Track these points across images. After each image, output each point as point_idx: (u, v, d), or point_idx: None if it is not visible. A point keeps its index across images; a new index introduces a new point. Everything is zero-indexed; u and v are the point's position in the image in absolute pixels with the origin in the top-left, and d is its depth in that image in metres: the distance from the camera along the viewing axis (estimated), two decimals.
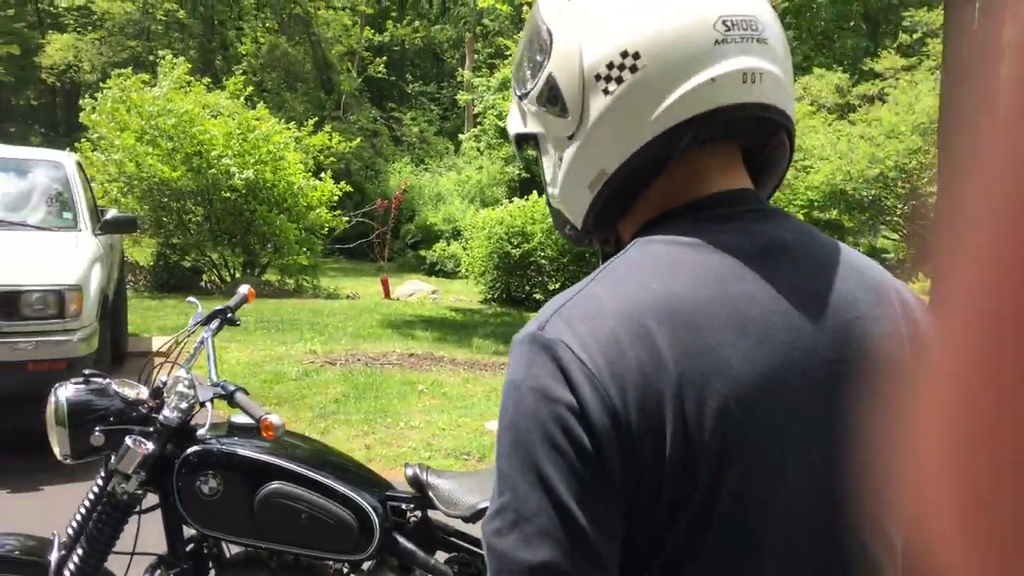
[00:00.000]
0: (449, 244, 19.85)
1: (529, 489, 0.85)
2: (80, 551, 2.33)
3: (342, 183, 15.45)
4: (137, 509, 2.39)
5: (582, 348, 0.87)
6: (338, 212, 15.49)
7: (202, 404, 2.31)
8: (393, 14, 30.93)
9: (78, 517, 2.38)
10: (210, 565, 2.44)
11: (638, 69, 0.95)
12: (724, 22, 0.95)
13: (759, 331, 0.91)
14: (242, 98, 15.81)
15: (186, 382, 2.33)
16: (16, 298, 5.21)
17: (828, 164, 23.81)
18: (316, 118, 18.20)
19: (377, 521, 2.23)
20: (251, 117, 14.35)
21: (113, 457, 2.30)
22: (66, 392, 2.34)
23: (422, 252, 20.78)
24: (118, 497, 2.31)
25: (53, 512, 2.41)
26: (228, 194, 13.67)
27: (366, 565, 2.29)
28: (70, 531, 2.38)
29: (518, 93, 1.09)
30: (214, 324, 2.55)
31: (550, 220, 6.65)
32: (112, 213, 6.94)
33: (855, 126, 25.59)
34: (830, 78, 27.17)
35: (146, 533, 2.42)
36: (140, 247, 15.81)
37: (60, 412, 2.30)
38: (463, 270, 15.85)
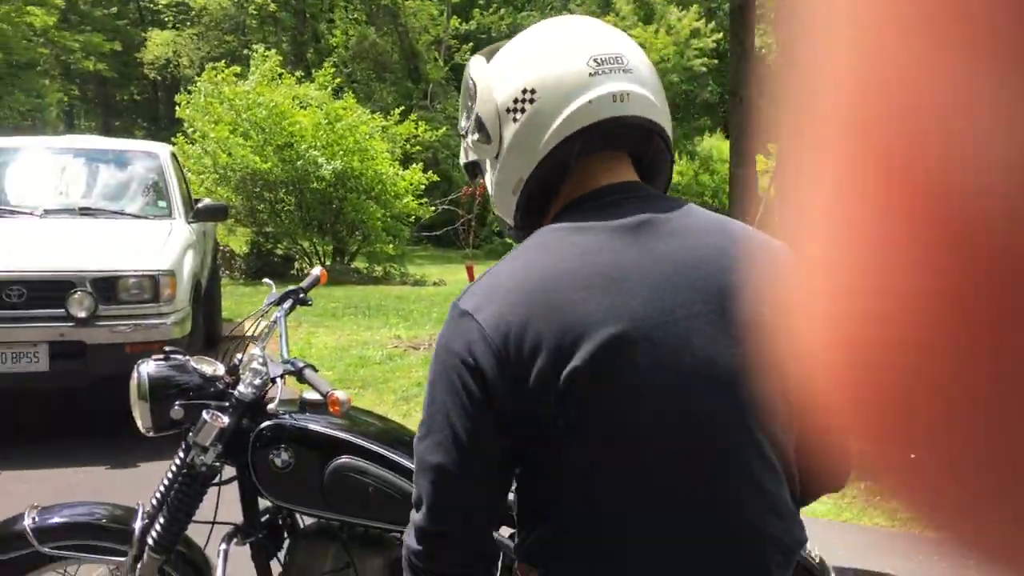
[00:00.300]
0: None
1: (436, 413, 1.23)
2: (162, 520, 2.45)
3: (429, 172, 15.63)
4: (216, 480, 2.50)
5: (481, 316, 1.21)
6: (425, 200, 15.68)
7: (274, 380, 2.40)
8: (480, 2, 31.04)
9: (161, 488, 2.50)
10: (284, 535, 2.54)
11: (535, 100, 1.30)
12: (595, 59, 1.29)
13: (619, 286, 1.20)
14: (330, 89, 16.12)
15: (259, 359, 2.42)
16: (114, 283, 5.46)
17: None
18: (402, 107, 18.43)
19: None
20: (338, 107, 14.62)
21: (192, 431, 2.40)
22: (148, 368, 2.45)
23: (508, 239, 20.86)
24: (197, 469, 2.41)
25: (148, 486, 2.54)
26: (317, 184, 13.96)
27: None
28: (154, 501, 2.50)
29: (460, 133, 1.47)
30: (287, 304, 2.64)
31: None
32: (205, 202, 7.19)
33: None
34: None
35: (225, 504, 2.53)
36: (235, 236, 16.30)
37: (142, 387, 2.42)
38: None
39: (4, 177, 6.80)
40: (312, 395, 2.42)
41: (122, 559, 2.47)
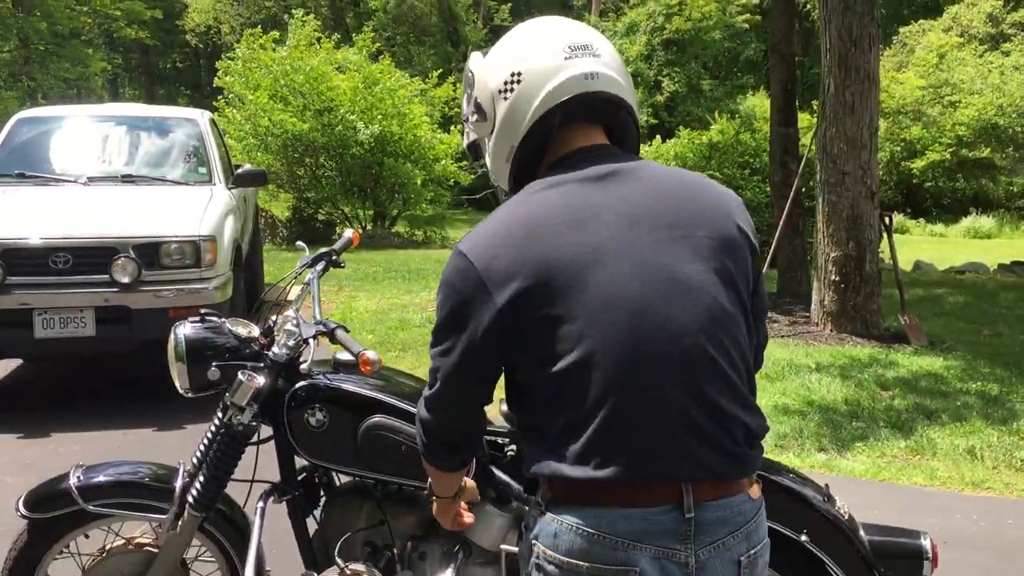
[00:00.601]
0: None
1: (441, 330, 1.61)
2: (202, 478, 2.50)
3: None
4: (254, 440, 2.55)
5: (472, 254, 1.55)
6: (464, 163, 15.67)
7: (307, 341, 2.43)
8: None
9: (200, 448, 2.55)
10: (320, 493, 2.59)
11: (521, 82, 1.64)
12: (569, 47, 1.64)
13: (588, 223, 1.53)
14: (366, 53, 16.09)
15: (293, 321, 2.45)
16: (156, 248, 5.55)
17: (979, 98, 22.47)
18: (440, 70, 18.36)
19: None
20: (375, 70, 14.60)
21: (228, 391, 2.45)
22: (184, 330, 2.50)
23: None
24: (234, 428, 2.46)
25: (194, 447, 2.59)
26: (356, 149, 14.00)
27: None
28: (194, 460, 2.56)
29: (463, 118, 1.80)
30: (320, 266, 2.67)
31: (673, 166, 6.72)
32: (245, 167, 7.25)
33: (1009, 56, 24.00)
34: (982, 6, 25.47)
35: (262, 463, 2.58)
36: (277, 201, 16.43)
37: (179, 348, 2.47)
38: None
39: (49, 146, 6.92)
40: (345, 355, 2.45)
41: (163, 516, 2.53)
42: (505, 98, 1.65)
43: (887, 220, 8.22)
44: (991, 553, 3.85)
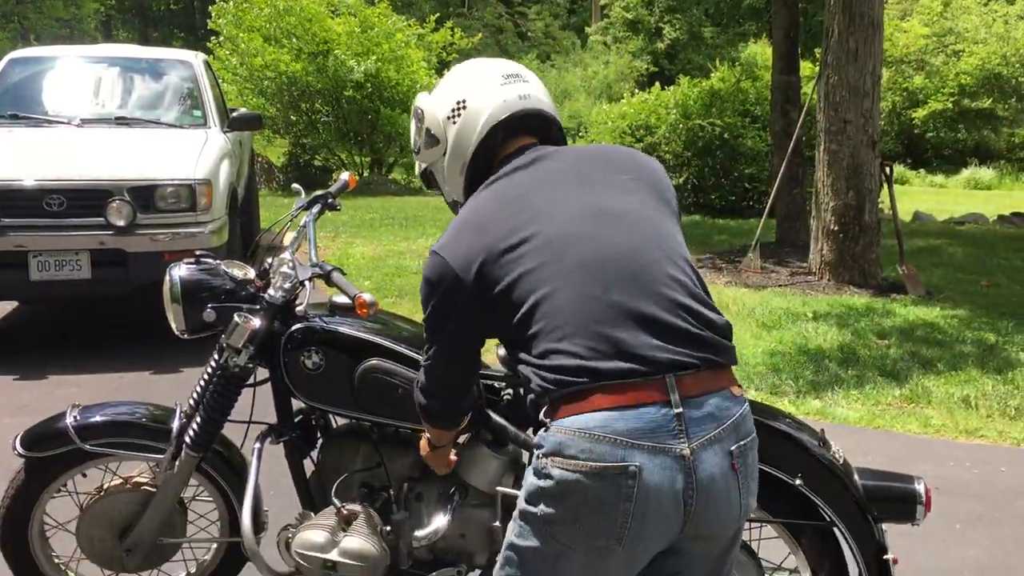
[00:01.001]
0: (574, 141, 19.69)
1: (429, 319, 1.85)
2: (199, 419, 2.51)
3: None
4: (250, 382, 2.55)
5: (444, 252, 1.79)
6: None
7: (302, 283, 2.42)
8: None
9: (197, 389, 2.55)
10: (317, 435, 2.59)
11: (466, 107, 1.95)
12: (504, 75, 1.97)
13: (521, 200, 1.79)
14: None
15: (289, 263, 2.44)
16: (151, 191, 5.51)
17: (983, 48, 22.24)
18: (438, 14, 18.11)
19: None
20: (372, 14, 14.40)
21: (224, 333, 2.44)
22: (179, 271, 2.49)
23: None
24: (230, 370, 2.46)
25: (190, 390, 2.59)
26: (352, 92, 13.85)
27: (461, 439, 2.38)
28: (191, 401, 2.56)
29: (415, 151, 2.09)
30: (315, 209, 2.64)
31: (673, 114, 6.82)
32: (240, 111, 7.17)
33: (1014, 5, 23.71)
34: None
35: (259, 405, 2.58)
36: (273, 147, 16.31)
37: (174, 289, 2.46)
38: None
39: (41, 87, 6.83)
40: (341, 298, 2.44)
41: (160, 456, 2.54)
42: (454, 122, 1.95)
43: (887, 170, 8.17)
44: (983, 500, 3.88)
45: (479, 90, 1.94)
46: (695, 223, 11.76)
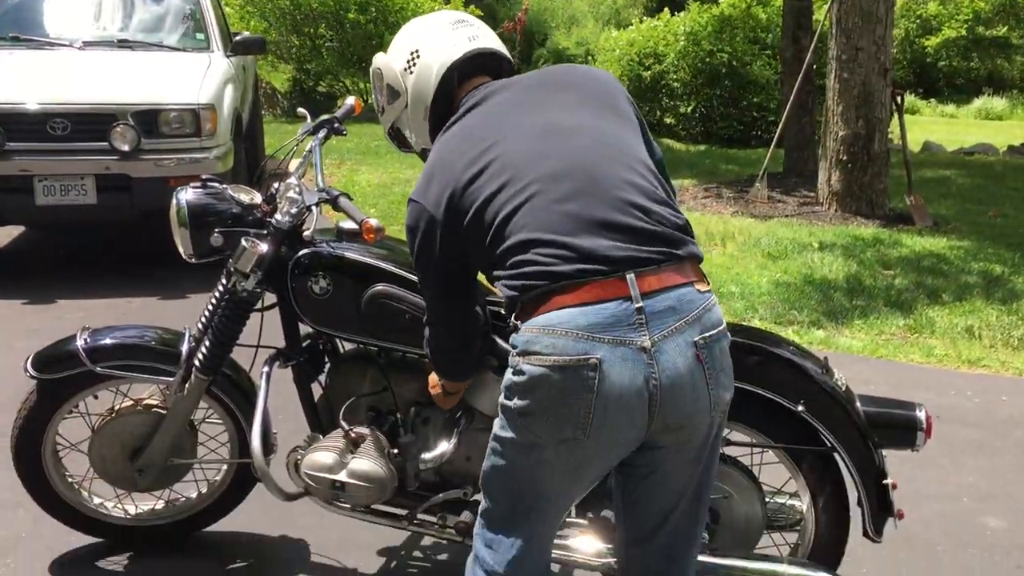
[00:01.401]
0: None
1: (417, 262, 1.94)
2: (208, 343, 2.53)
3: (471, 7, 15.16)
4: (258, 306, 2.57)
5: (418, 196, 1.89)
6: None
7: (309, 208, 2.42)
8: None
9: (205, 313, 2.57)
10: (324, 359, 2.62)
11: (421, 55, 2.05)
12: (451, 22, 2.08)
13: (478, 134, 1.87)
14: None
15: (295, 188, 2.43)
16: (155, 116, 5.47)
17: None
18: None
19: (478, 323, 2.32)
20: None
21: (232, 258, 2.45)
22: (186, 195, 2.48)
23: None
24: (238, 295, 2.48)
25: (196, 316, 2.62)
26: (355, 16, 13.63)
27: None
28: (199, 325, 2.58)
29: (379, 111, 2.19)
30: (321, 134, 2.62)
31: (681, 41, 6.79)
32: (243, 35, 7.07)
33: None
34: None
35: (267, 330, 2.60)
36: (277, 72, 16.11)
37: (181, 214, 2.46)
38: None
39: (42, 9, 6.71)
40: (348, 224, 2.44)
41: (170, 379, 2.57)
42: (410, 72, 2.05)
43: (898, 99, 8.07)
44: (984, 428, 3.93)
45: (430, 39, 2.06)
46: (702, 153, 11.67)
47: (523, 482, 1.79)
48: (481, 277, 1.97)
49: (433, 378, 2.29)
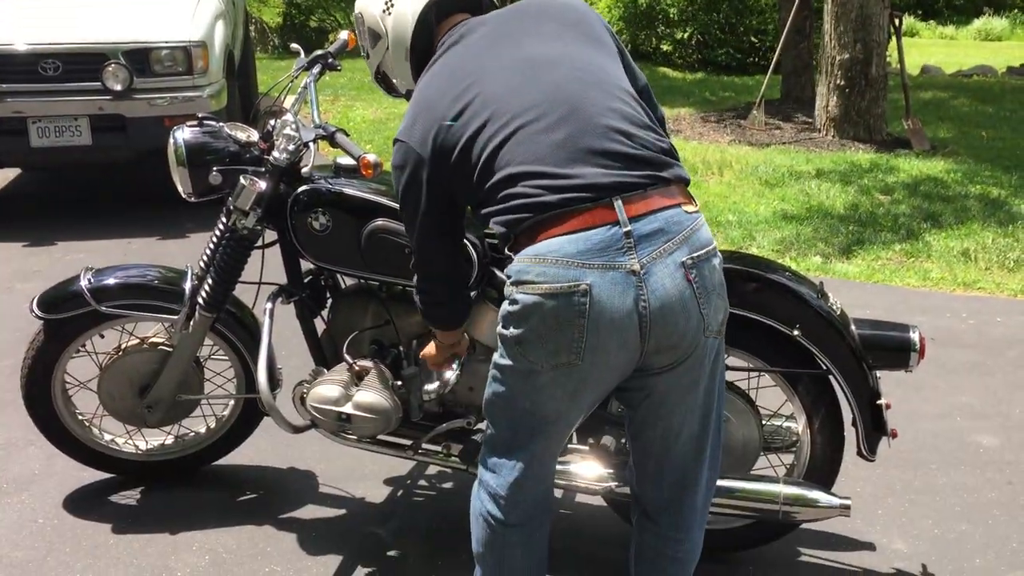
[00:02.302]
0: None
1: (403, 200, 1.96)
2: (210, 281, 2.56)
3: None
4: (259, 244, 2.59)
5: (403, 136, 1.89)
6: None
7: (306, 145, 2.42)
8: None
9: (207, 251, 2.59)
10: (327, 295, 2.65)
11: None
12: None
13: (459, 71, 1.89)
14: None
15: (292, 125, 2.43)
16: (147, 54, 5.43)
17: None
18: None
19: (476, 256, 2.35)
20: None
21: (231, 196, 2.46)
22: (183, 134, 2.49)
23: None
24: (239, 232, 2.50)
25: (197, 255, 2.64)
26: None
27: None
28: (201, 263, 2.60)
29: (366, 55, 2.22)
30: (316, 70, 2.61)
31: None
32: None
33: None
34: None
35: (269, 266, 2.63)
36: (267, 7, 15.86)
37: (179, 152, 2.47)
38: None
39: None
40: (346, 160, 2.45)
41: (175, 317, 2.61)
42: (388, 13, 2.07)
43: (897, 21, 7.97)
44: (978, 349, 3.98)
45: None
46: (699, 81, 11.56)
47: (523, 407, 1.84)
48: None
49: (428, 349, 2.33)
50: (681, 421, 1.88)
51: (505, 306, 1.79)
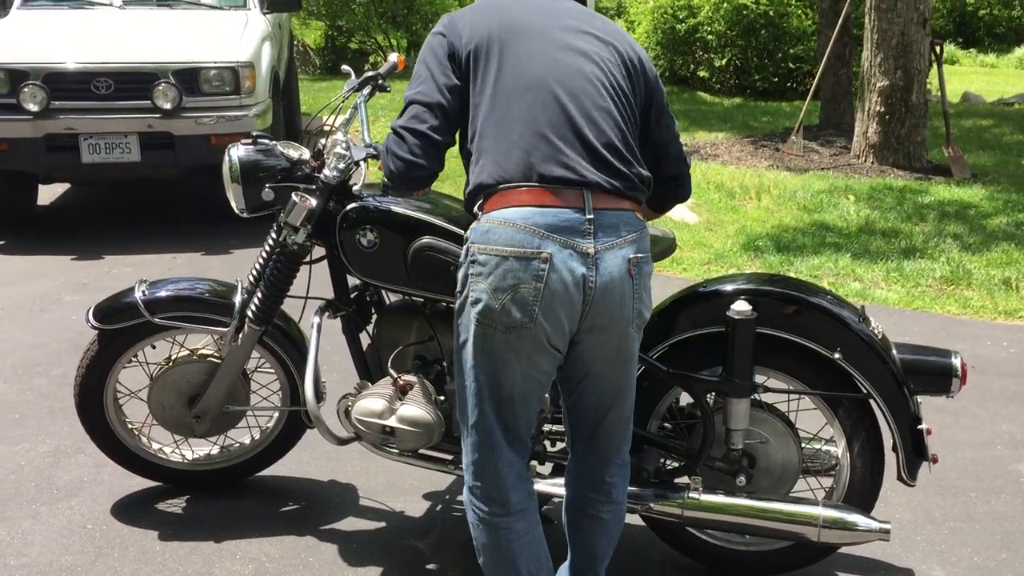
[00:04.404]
0: (615, 21, 19.19)
1: (419, 67, 2.08)
2: (260, 295, 2.62)
3: None
4: (307, 259, 2.65)
5: (442, 27, 2.09)
6: None
7: (357, 163, 2.48)
8: None
9: (257, 266, 2.66)
10: (372, 310, 2.70)
11: None
12: None
13: (506, 12, 2.06)
14: None
15: (343, 144, 2.49)
16: (196, 74, 5.56)
17: None
18: None
19: None
20: None
21: (282, 212, 2.53)
22: (238, 152, 2.56)
23: None
24: (289, 248, 2.56)
25: (241, 269, 2.70)
26: None
27: None
28: (250, 278, 2.67)
29: None
30: (366, 90, 2.67)
31: None
32: None
33: None
34: None
35: (316, 282, 2.69)
36: (309, 28, 16.10)
37: (234, 169, 2.53)
38: None
39: None
40: None
41: (224, 329, 2.67)
42: None
43: (938, 49, 7.95)
44: (1018, 378, 3.95)
45: None
46: (737, 106, 11.57)
47: (481, 381, 1.98)
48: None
49: None
50: (612, 397, 2.10)
51: (465, 270, 1.95)
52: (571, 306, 1.91)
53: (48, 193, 6.71)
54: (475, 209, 2.01)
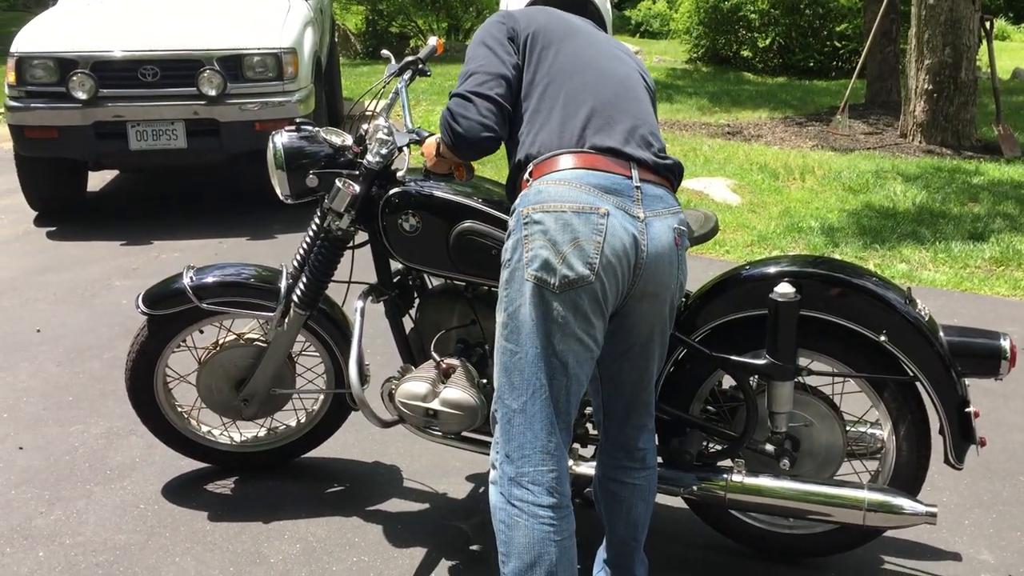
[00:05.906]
0: (655, 2, 19.02)
1: (476, 48, 2.15)
2: (304, 279, 2.65)
3: None
4: (350, 244, 2.67)
5: (508, 11, 2.21)
6: None
7: (400, 149, 2.50)
8: None
9: (301, 251, 2.69)
10: (414, 294, 2.73)
11: None
12: None
13: (561, 17, 2.21)
14: None
15: (385, 129, 2.51)
16: (239, 61, 5.61)
17: None
18: None
19: None
20: None
21: (326, 198, 2.55)
22: (282, 139, 2.58)
23: (627, 12, 20.06)
24: (333, 233, 2.59)
25: (286, 254, 2.74)
26: None
27: None
28: (295, 263, 2.70)
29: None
30: (407, 75, 2.69)
31: None
32: None
33: None
34: None
35: (359, 266, 2.71)
36: (350, 13, 16.17)
37: (278, 156, 2.56)
38: (669, 29, 15.23)
39: None
40: None
41: (270, 314, 2.71)
42: None
43: (987, 25, 7.79)
44: None
45: None
46: (781, 85, 11.44)
47: (537, 343, 1.92)
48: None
49: (428, 145, 2.32)
50: (649, 372, 2.15)
51: (518, 234, 1.94)
52: (627, 265, 1.93)
53: (97, 180, 6.82)
54: (524, 177, 2.04)
